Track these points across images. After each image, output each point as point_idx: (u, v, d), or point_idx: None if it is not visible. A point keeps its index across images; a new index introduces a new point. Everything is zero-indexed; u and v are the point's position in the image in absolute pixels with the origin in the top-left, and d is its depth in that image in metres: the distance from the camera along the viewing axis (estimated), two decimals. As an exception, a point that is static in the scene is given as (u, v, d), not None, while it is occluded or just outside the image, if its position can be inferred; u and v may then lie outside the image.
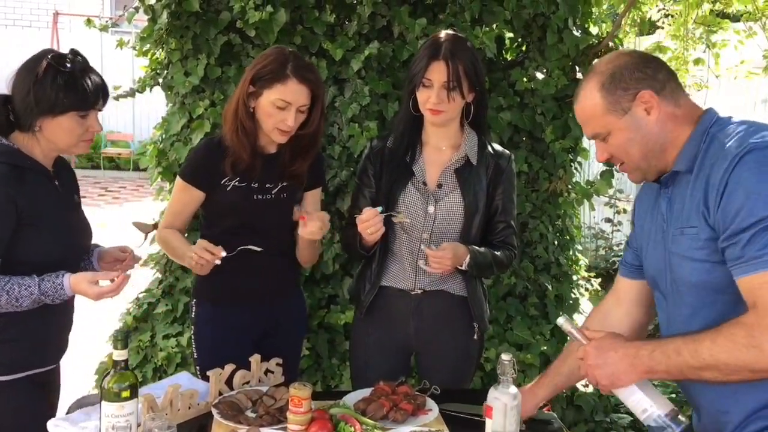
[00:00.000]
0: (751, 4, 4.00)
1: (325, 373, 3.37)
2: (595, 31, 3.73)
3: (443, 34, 2.28)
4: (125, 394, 1.67)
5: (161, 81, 3.44)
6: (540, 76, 3.46)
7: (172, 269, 3.50)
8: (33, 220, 1.92)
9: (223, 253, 2.15)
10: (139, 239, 2.51)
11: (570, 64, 3.50)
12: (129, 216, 2.24)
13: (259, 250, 2.27)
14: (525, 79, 3.44)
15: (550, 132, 3.47)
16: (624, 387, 1.57)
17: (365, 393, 2.06)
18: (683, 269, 1.58)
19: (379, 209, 2.14)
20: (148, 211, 2.22)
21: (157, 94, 3.60)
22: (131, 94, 3.54)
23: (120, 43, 3.71)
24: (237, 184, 2.29)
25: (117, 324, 3.64)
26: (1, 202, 1.87)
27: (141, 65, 3.62)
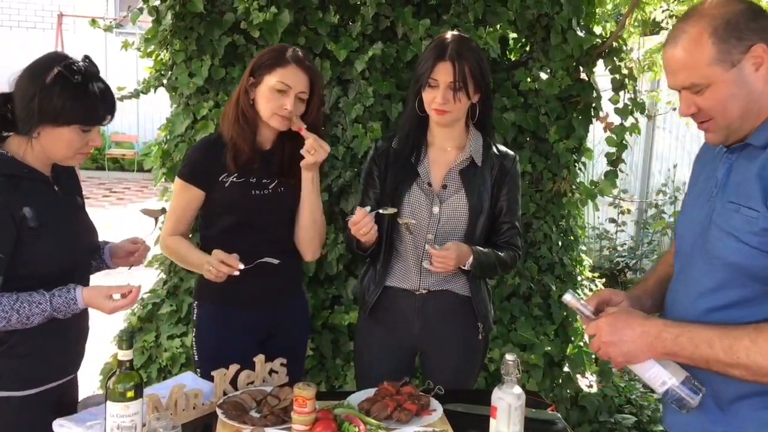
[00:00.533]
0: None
1: (329, 374, 3.37)
2: (599, 32, 3.72)
3: (449, 34, 2.28)
4: (130, 394, 1.67)
5: (165, 82, 3.45)
6: (544, 76, 3.46)
7: (176, 270, 3.51)
8: (34, 231, 1.82)
9: (241, 266, 2.14)
10: (149, 228, 2.48)
11: (574, 64, 3.50)
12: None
13: (277, 262, 2.27)
14: (529, 80, 3.43)
15: (554, 132, 3.47)
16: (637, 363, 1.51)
17: (369, 393, 2.06)
18: (724, 245, 1.47)
19: (368, 209, 2.15)
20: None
21: (162, 95, 3.61)
22: (135, 95, 3.55)
23: (125, 45, 3.72)
24: (235, 180, 2.29)
25: (121, 324, 3.66)
26: None
27: (145, 66, 3.63)
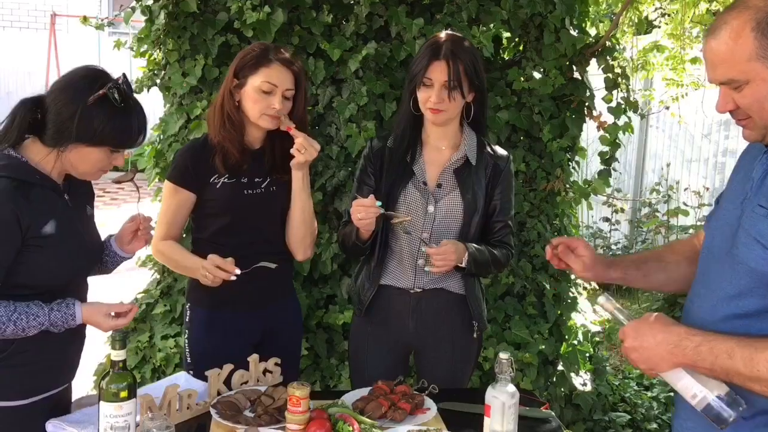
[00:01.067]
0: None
1: (324, 373, 3.37)
2: (593, 31, 3.74)
3: (444, 34, 2.29)
4: (123, 394, 1.67)
5: (159, 82, 3.44)
6: (537, 75, 3.47)
7: (170, 270, 3.49)
8: (39, 241, 1.78)
9: (238, 271, 2.12)
10: (143, 200, 2.41)
11: (567, 63, 3.51)
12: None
13: (274, 266, 2.25)
14: (522, 79, 3.44)
15: (547, 131, 3.47)
16: (667, 372, 1.44)
17: (364, 392, 2.06)
18: (749, 251, 1.42)
19: (379, 203, 2.14)
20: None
21: (155, 95, 3.60)
22: (129, 94, 3.54)
23: (117, 44, 3.70)
24: (226, 181, 2.28)
25: (115, 325, 3.64)
26: (6, 222, 1.73)
27: (138, 66, 3.62)
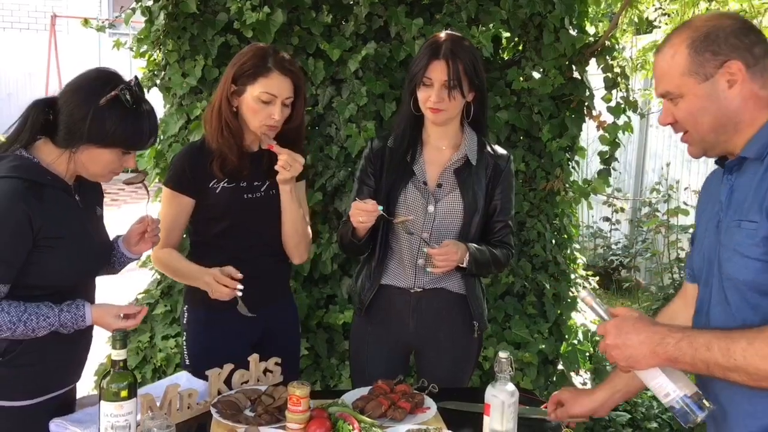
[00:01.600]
0: (747, 3, 4.00)
1: (324, 373, 3.38)
2: (592, 31, 3.74)
3: (443, 34, 2.29)
4: (124, 393, 1.67)
5: (159, 82, 3.45)
6: (537, 75, 3.47)
7: (170, 270, 3.50)
8: (50, 241, 1.80)
9: (240, 286, 2.12)
10: (144, 201, 2.42)
11: (567, 63, 3.51)
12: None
13: (250, 315, 2.19)
14: (522, 79, 3.44)
15: (547, 131, 3.48)
16: (644, 370, 1.48)
17: (364, 391, 2.07)
18: (733, 265, 1.44)
19: (380, 208, 2.14)
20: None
21: (155, 95, 3.60)
22: (129, 95, 3.54)
23: (117, 44, 3.71)
24: (226, 185, 2.27)
25: (116, 325, 3.64)
26: (18, 223, 1.74)
27: (138, 66, 3.62)
